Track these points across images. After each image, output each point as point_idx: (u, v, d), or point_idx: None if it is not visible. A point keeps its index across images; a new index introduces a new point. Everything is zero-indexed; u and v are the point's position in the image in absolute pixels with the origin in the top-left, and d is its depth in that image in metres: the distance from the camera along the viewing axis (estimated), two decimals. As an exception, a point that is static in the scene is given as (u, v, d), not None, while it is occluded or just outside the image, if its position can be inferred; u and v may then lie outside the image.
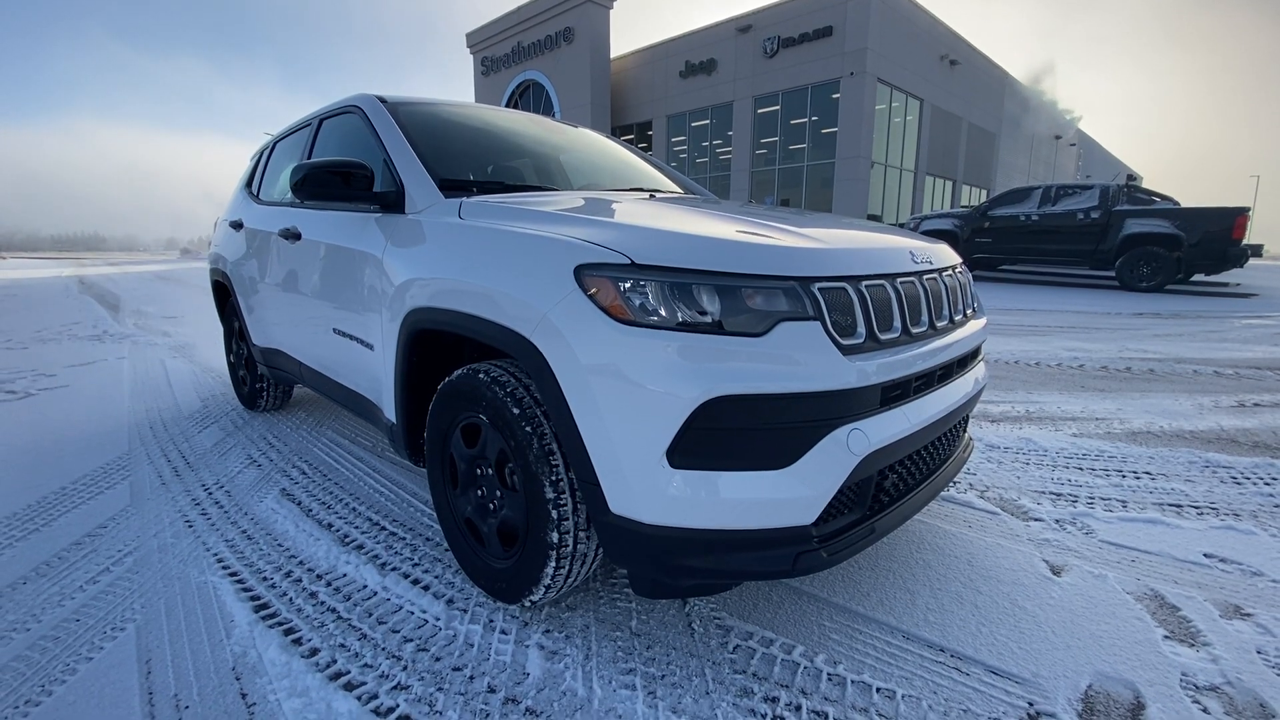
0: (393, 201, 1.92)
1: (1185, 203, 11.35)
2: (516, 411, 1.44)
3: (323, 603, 1.68)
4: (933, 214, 13.80)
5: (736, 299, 1.23)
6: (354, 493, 2.40)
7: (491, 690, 1.36)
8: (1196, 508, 2.23)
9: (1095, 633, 1.54)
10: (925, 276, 1.57)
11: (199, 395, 3.90)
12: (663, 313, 1.23)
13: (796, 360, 1.22)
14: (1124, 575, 1.80)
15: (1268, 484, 2.44)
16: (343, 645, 1.50)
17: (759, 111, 21.32)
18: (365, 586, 1.76)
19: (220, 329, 3.80)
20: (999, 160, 29.51)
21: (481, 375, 1.55)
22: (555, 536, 1.42)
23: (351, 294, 2.05)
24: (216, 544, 2.00)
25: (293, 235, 2.45)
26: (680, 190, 2.57)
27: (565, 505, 1.41)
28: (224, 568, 1.86)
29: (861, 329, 1.33)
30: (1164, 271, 10.32)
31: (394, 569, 1.85)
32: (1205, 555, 1.91)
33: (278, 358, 2.93)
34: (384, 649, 1.49)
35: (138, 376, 4.38)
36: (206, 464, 2.71)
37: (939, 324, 1.58)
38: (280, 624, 1.59)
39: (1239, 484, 2.44)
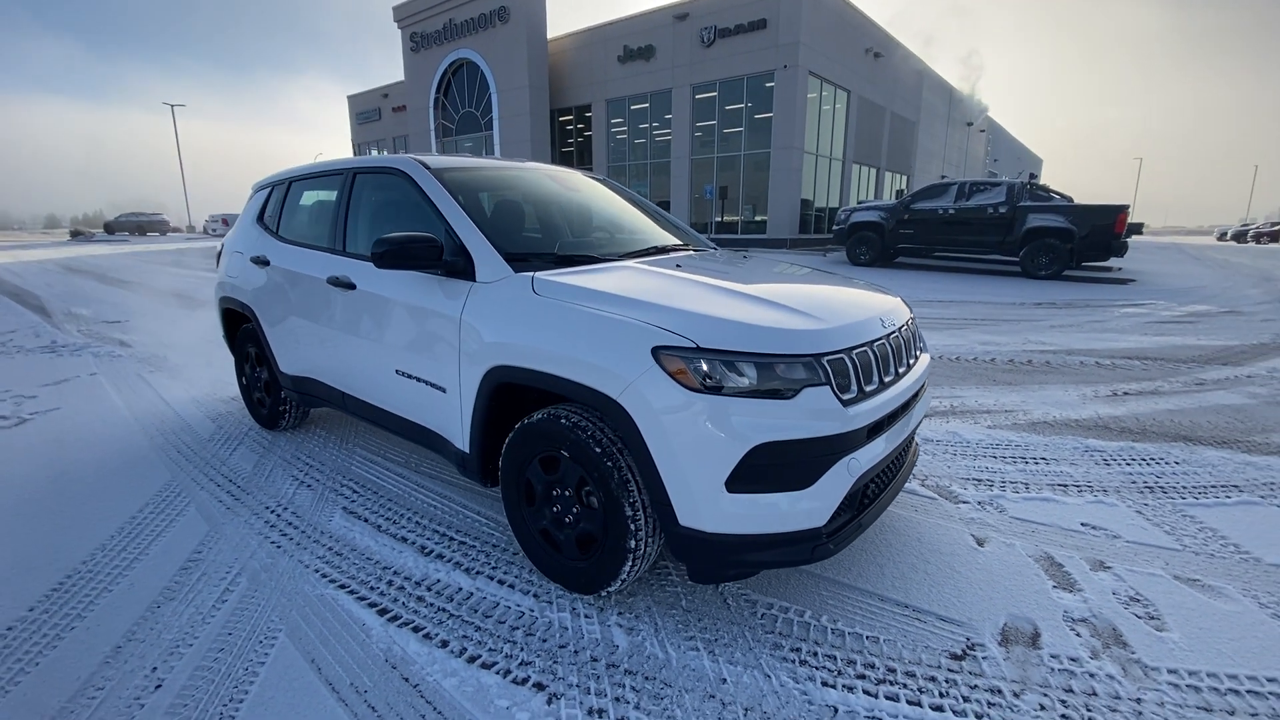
0: (462, 270, 2.29)
1: (1074, 190, 12.79)
2: (598, 450, 1.90)
3: (432, 604, 2.09)
4: (861, 206, 14.82)
5: (773, 372, 1.73)
6: (410, 507, 2.77)
7: (594, 659, 1.83)
8: (1077, 486, 2.95)
9: (1008, 586, 2.17)
10: (890, 336, 2.13)
11: (205, 414, 4.05)
12: (721, 382, 1.72)
13: (815, 414, 1.74)
14: (1027, 543, 2.46)
15: (1128, 465, 3.21)
16: (466, 636, 1.93)
17: (697, 99, 21.80)
18: (460, 589, 2.17)
19: (173, 340, 3.96)
20: (918, 147, 31.35)
21: (563, 420, 1.99)
22: (632, 544, 1.90)
23: (423, 344, 2.41)
24: (313, 561, 2.35)
25: (345, 284, 2.75)
26: (685, 243, 2.99)
27: (639, 520, 1.89)
28: (332, 581, 2.22)
29: (854, 386, 1.86)
30: (1060, 261, 11.70)
31: (479, 573, 2.26)
32: (1082, 524, 2.61)
33: (311, 385, 3.21)
34: (499, 636, 1.93)
35: (126, 395, 4.44)
36: (258, 487, 2.98)
37: (900, 369, 2.14)
38: (407, 623, 1.99)
39: (1108, 465, 3.20)
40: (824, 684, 1.74)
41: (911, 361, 2.28)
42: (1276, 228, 44.12)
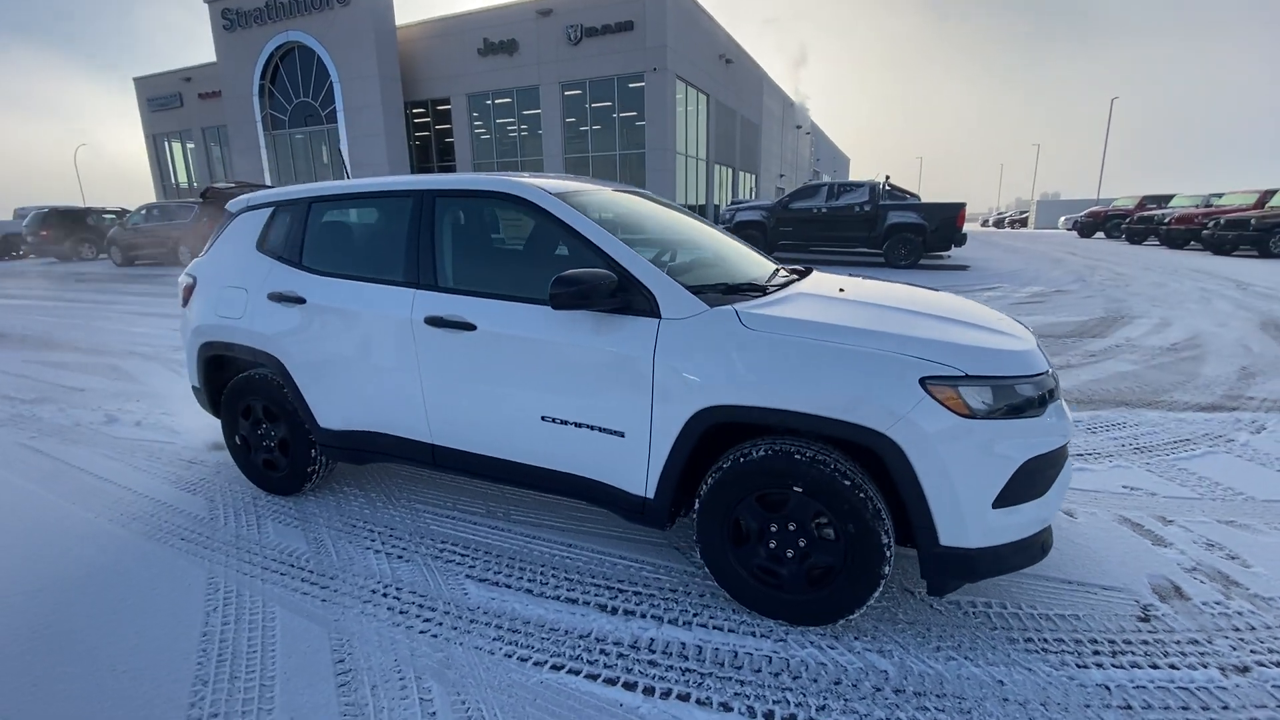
0: (642, 306, 2.14)
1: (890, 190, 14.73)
2: (848, 483, 1.91)
3: (673, 666, 1.95)
4: (742, 205, 15.81)
5: (1026, 392, 1.88)
6: (543, 563, 2.52)
7: (877, 689, 1.85)
8: (1094, 454, 3.50)
9: (1121, 550, 2.55)
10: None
11: (170, 484, 3.28)
12: (991, 407, 1.82)
13: (1054, 427, 1.92)
14: (1102, 510, 2.88)
15: (1108, 431, 3.87)
16: (739, 693, 1.84)
17: (567, 96, 21.60)
18: (684, 643, 2.05)
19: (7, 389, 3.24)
20: (762, 149, 34.02)
21: (798, 456, 1.97)
22: (887, 569, 1.95)
23: (590, 388, 2.21)
24: (492, 645, 2.06)
25: (457, 324, 2.40)
26: (775, 264, 3.00)
27: (891, 546, 1.94)
28: (539, 664, 1.97)
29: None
30: (915, 252, 13.50)
31: (686, 623, 2.15)
32: (1123, 486, 3.11)
33: (371, 441, 2.77)
34: (772, 685, 1.86)
35: (23, 473, 3.44)
36: (340, 569, 2.51)
37: None
38: (668, 693, 1.84)
39: (1095, 433, 3.84)
40: (1079, 666, 1.93)
41: None
42: (1024, 215, 54.72)
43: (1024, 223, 52.35)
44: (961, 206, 13.11)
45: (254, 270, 2.95)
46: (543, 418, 2.33)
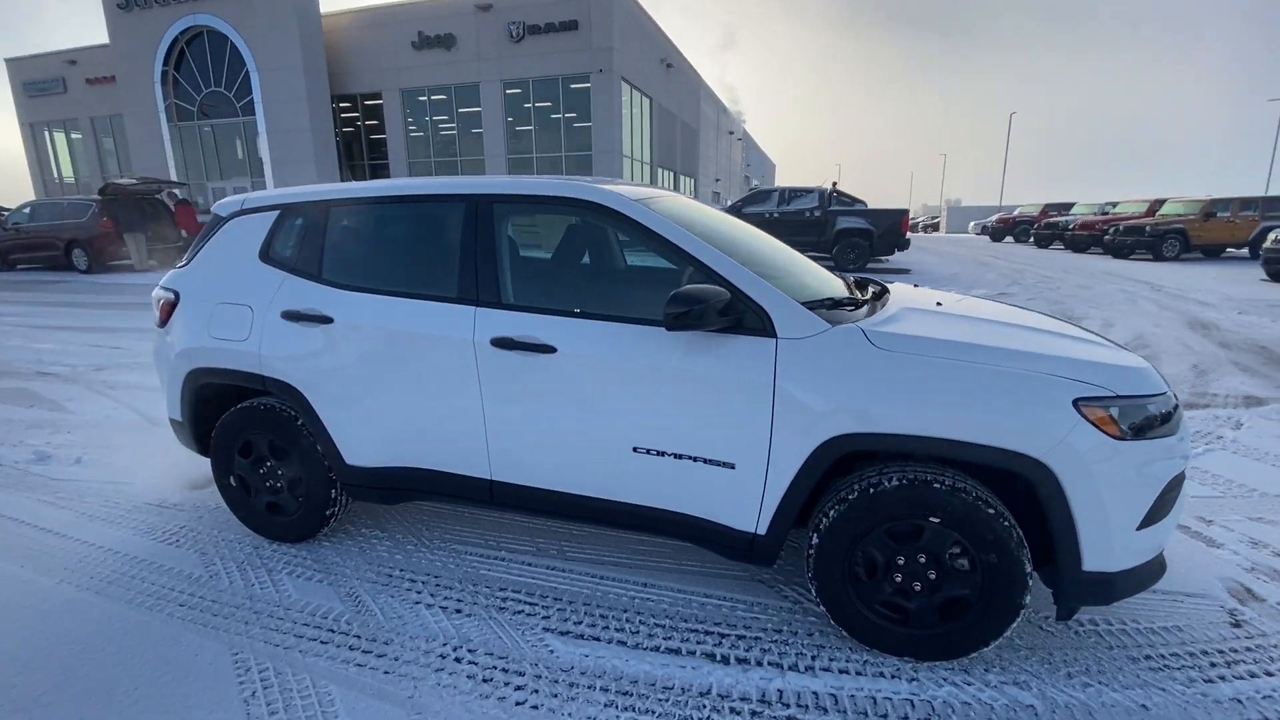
0: (756, 325, 1.96)
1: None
2: (991, 511, 1.81)
3: (815, 722, 1.78)
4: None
5: (1165, 411, 1.84)
6: (623, 608, 2.29)
7: (1033, 729, 1.75)
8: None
9: (1185, 554, 2.60)
10: None
11: (142, 537, 2.79)
12: (1140, 426, 1.77)
13: (1183, 445, 1.90)
14: (1149, 513, 2.96)
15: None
16: (899, 748, 1.69)
17: (509, 94, 20.99)
18: (815, 693, 1.88)
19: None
20: (700, 154, 34.49)
21: (937, 485, 1.85)
22: (1028, 599, 1.86)
23: (697, 416, 2.00)
24: (608, 714, 1.81)
25: (532, 346, 2.12)
26: (844, 277, 2.86)
27: (1032, 574, 1.85)
28: (669, 732, 1.75)
29: None
30: (864, 256, 13.99)
31: (808, 668, 1.98)
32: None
33: (413, 478, 2.44)
34: (928, 736, 1.73)
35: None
36: (391, 631, 2.17)
37: None
38: (826, 756, 1.67)
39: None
40: (1206, 681, 1.92)
41: None
42: (936, 220, 58.44)
43: (936, 227, 55.86)
44: (905, 212, 13.72)
45: (259, 284, 2.53)
46: (635, 449, 2.10)
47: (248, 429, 2.63)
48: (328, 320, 2.39)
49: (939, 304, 2.35)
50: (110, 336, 7.33)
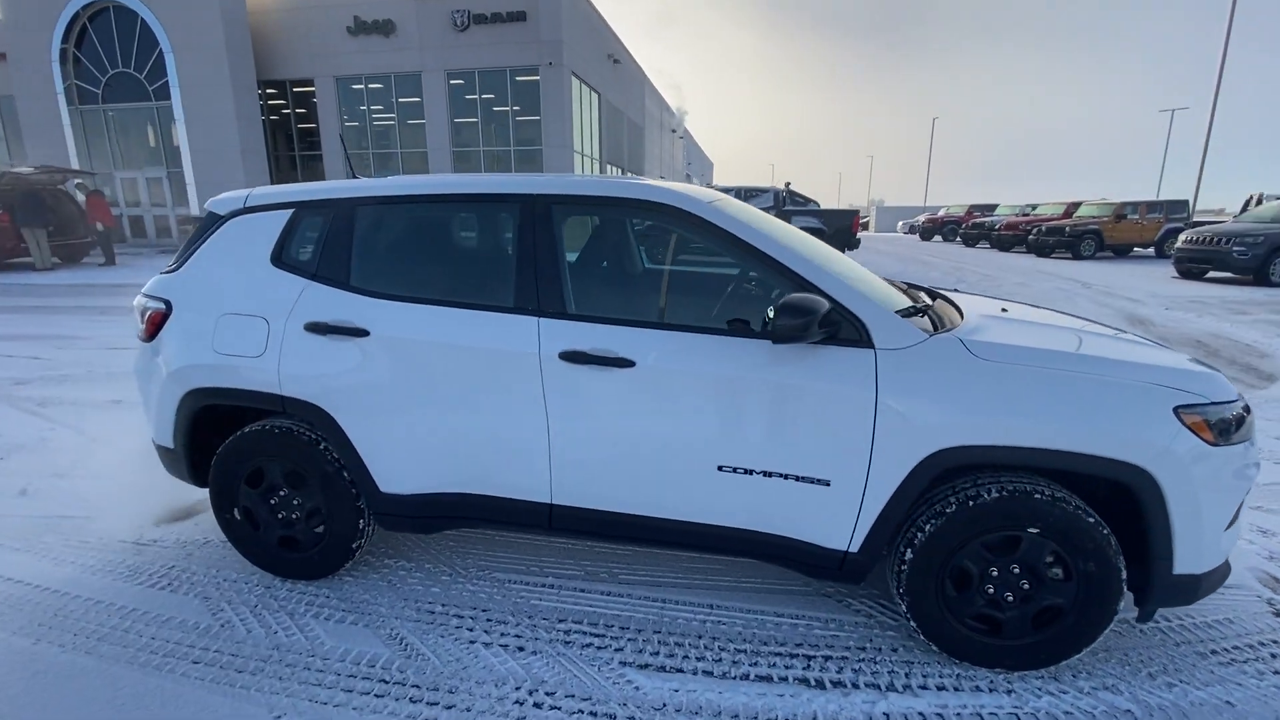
0: (851, 336, 1.88)
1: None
2: (1091, 520, 1.82)
3: (932, 746, 1.72)
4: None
5: (1246, 417, 1.89)
6: (695, 633, 2.17)
7: (1139, 735, 1.76)
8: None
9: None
10: None
11: (140, 583, 2.43)
12: (1230, 432, 1.81)
13: (1254, 448, 1.96)
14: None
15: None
16: (1023, 768, 1.66)
17: (453, 85, 20.20)
18: (921, 713, 1.83)
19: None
20: (646, 151, 34.48)
21: (1038, 496, 1.83)
22: (1120, 604, 1.87)
23: (791, 431, 1.91)
24: (721, 754, 1.69)
25: (614, 361, 1.96)
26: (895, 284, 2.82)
27: (1126, 580, 1.87)
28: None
29: None
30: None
31: (909, 688, 1.93)
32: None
33: (456, 504, 2.24)
34: (1045, 752, 1.71)
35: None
36: (451, 680, 1.96)
37: None
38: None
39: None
40: (1274, 673, 1.99)
41: None
42: (865, 220, 61.06)
43: (866, 226, 58.30)
44: (857, 213, 14.19)
45: (274, 292, 2.24)
46: (720, 468, 1.98)
47: (258, 455, 2.33)
48: (362, 333, 2.14)
49: (1004, 310, 2.36)
50: (24, 345, 6.50)
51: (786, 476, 1.95)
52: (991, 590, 1.93)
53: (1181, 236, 13.13)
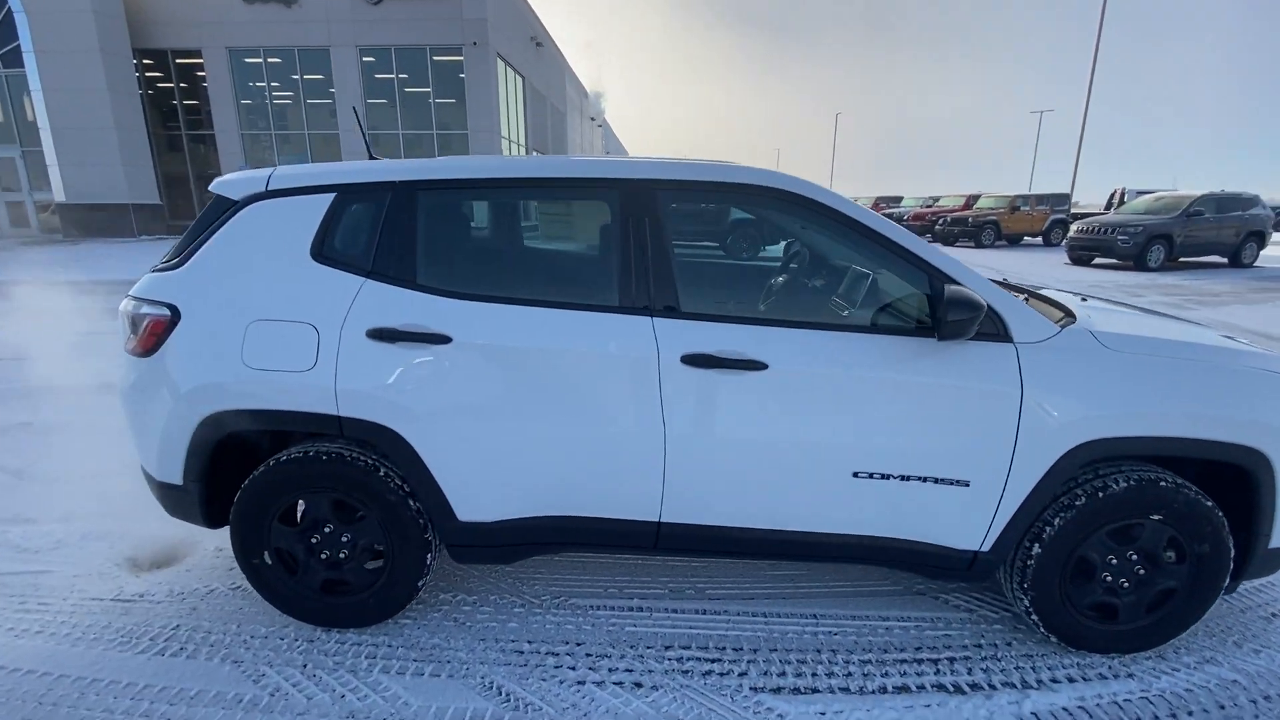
0: (989, 330, 1.82)
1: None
2: (1209, 504, 1.87)
3: (1092, 743, 1.71)
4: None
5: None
6: (811, 647, 2.06)
7: (1253, 701, 1.84)
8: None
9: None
10: None
11: (142, 650, 2.00)
12: None
13: None
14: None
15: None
16: (1182, 754, 1.68)
17: (365, 62, 18.75)
18: (1068, 708, 1.82)
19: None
20: (568, 138, 33.83)
21: (1163, 484, 1.86)
22: (1227, 581, 1.95)
23: (934, 431, 1.82)
24: (900, 779, 1.59)
25: (746, 364, 1.78)
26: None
27: (1234, 559, 1.95)
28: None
29: None
30: (754, 246, 14.61)
31: (1041, 683, 1.92)
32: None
33: (548, 529, 1.99)
34: (1192, 735, 1.74)
35: None
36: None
37: None
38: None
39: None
40: (1336, 639, 2.16)
41: None
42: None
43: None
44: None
45: (322, 293, 1.87)
46: (855, 474, 1.86)
47: (298, 487, 1.96)
48: (442, 339, 1.83)
49: (1084, 299, 2.40)
50: None
51: (925, 479, 1.87)
52: (1109, 578, 1.95)
53: (1073, 226, 14.51)
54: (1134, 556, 1.94)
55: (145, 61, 19.25)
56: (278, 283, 1.90)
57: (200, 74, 19.12)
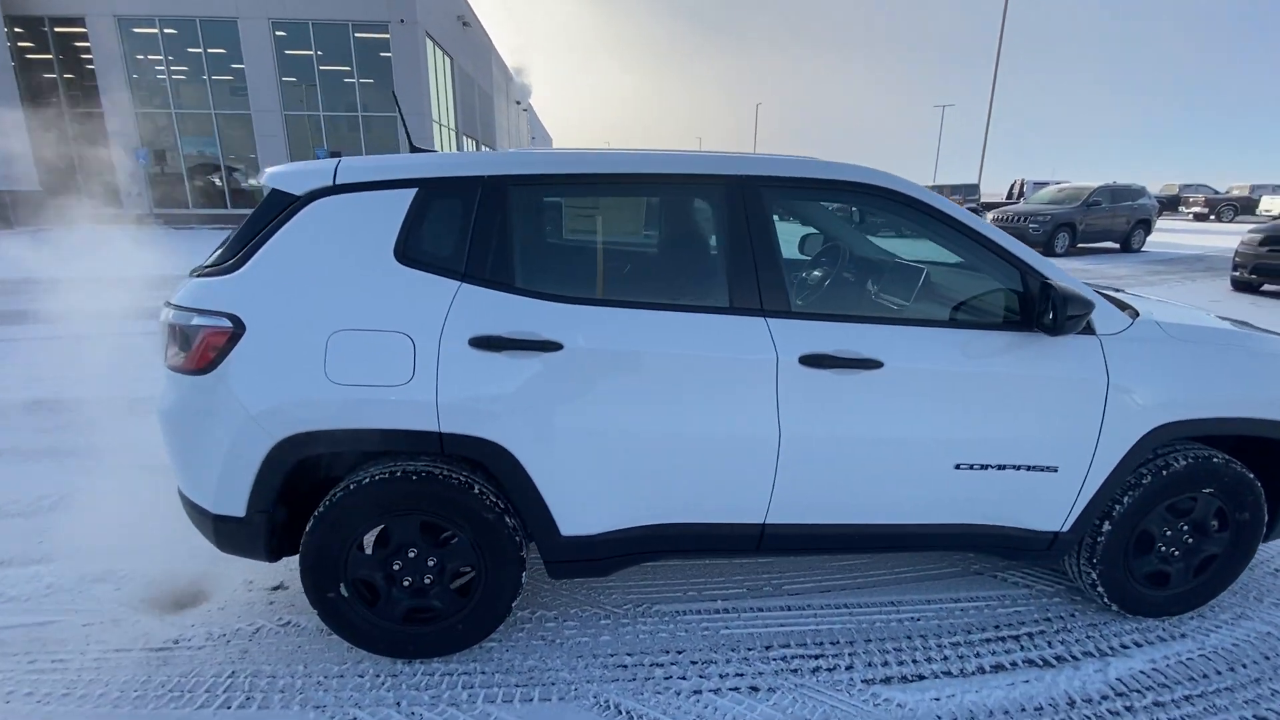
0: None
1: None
2: (1251, 476, 2.08)
3: (1179, 698, 1.86)
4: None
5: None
6: (903, 635, 2.13)
7: (1295, 654, 2.07)
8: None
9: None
10: None
11: (202, 705, 1.77)
12: None
13: None
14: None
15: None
16: (1248, 701, 1.86)
17: (279, 36, 17.28)
18: (1145, 672, 1.97)
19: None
20: (496, 122, 32.79)
21: (1216, 460, 2.04)
22: (1260, 543, 2.18)
23: (1029, 421, 1.91)
24: (1030, 756, 1.67)
25: (862, 363, 1.77)
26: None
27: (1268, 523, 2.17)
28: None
29: None
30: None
31: (1114, 650, 2.06)
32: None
33: (651, 538, 1.94)
34: (1248, 684, 1.93)
35: None
36: (710, 736, 1.71)
37: None
38: (1223, 732, 1.76)
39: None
40: (1326, 584, 2.46)
41: None
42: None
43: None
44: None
45: (414, 298, 1.70)
46: (957, 466, 1.92)
47: (381, 510, 1.79)
48: (553, 346, 1.71)
49: (1118, 290, 2.57)
50: None
51: (1019, 468, 1.95)
52: (1163, 549, 2.13)
53: (988, 216, 15.61)
54: (1185, 527, 2.12)
55: (16, 30, 16.89)
56: (360, 288, 1.71)
57: (82, 44, 16.99)
